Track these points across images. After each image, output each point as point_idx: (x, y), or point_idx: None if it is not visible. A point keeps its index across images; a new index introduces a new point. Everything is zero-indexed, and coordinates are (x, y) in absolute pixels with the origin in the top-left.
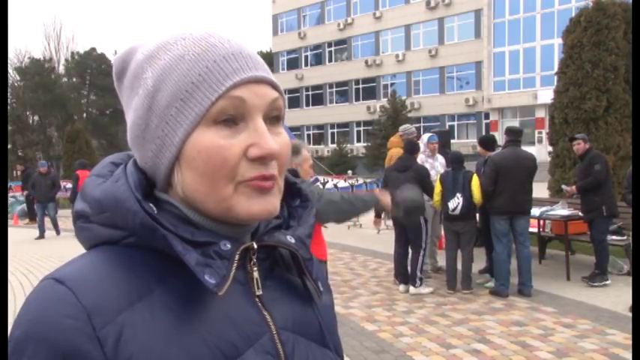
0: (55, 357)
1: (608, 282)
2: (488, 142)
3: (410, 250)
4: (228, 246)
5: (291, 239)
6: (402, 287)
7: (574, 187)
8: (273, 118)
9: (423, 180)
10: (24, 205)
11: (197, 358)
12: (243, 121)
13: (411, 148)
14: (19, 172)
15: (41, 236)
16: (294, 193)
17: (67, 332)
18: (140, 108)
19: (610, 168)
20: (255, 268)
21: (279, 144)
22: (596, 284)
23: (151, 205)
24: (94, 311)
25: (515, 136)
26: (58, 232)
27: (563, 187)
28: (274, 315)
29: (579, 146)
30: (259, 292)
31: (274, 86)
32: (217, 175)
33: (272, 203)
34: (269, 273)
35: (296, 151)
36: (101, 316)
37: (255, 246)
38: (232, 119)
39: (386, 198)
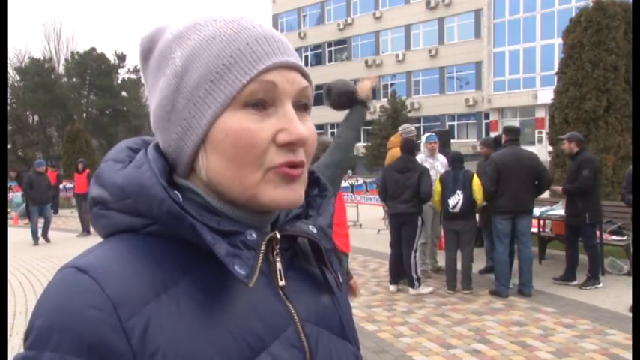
0: (79, 348)
1: (600, 285)
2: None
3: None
4: (254, 235)
5: (312, 229)
6: (392, 287)
7: (562, 188)
8: (300, 106)
9: (425, 182)
10: (24, 205)
11: (223, 349)
12: (272, 106)
13: (409, 147)
14: (12, 175)
15: (36, 242)
16: (312, 182)
17: (93, 323)
18: (167, 88)
19: (599, 173)
20: (278, 259)
21: (308, 131)
22: (588, 288)
23: (177, 192)
24: (120, 302)
25: (514, 135)
26: (47, 238)
27: (552, 187)
28: (297, 306)
29: (564, 146)
30: (282, 283)
31: (304, 74)
32: (245, 160)
33: (298, 193)
34: (290, 264)
35: (326, 147)
36: (127, 307)
37: (279, 236)
38: (262, 103)
39: (365, 87)
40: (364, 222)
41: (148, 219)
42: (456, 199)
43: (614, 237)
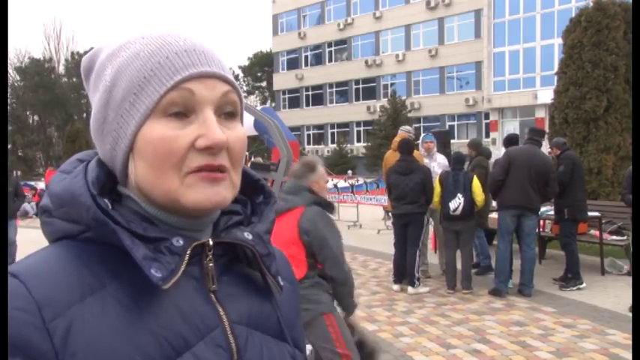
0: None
1: (582, 285)
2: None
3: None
4: (181, 242)
5: (248, 236)
6: (395, 287)
7: None
8: (227, 114)
9: (429, 183)
10: (24, 205)
11: (145, 350)
12: (193, 113)
13: (409, 147)
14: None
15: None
16: (257, 190)
17: (17, 324)
18: (99, 103)
19: (580, 171)
20: (211, 264)
21: (231, 137)
22: (569, 289)
23: (106, 200)
24: (45, 304)
25: (536, 135)
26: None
27: None
28: (228, 309)
29: (550, 153)
30: (214, 287)
31: (228, 82)
32: (165, 166)
33: (220, 194)
34: (227, 268)
35: (311, 168)
36: (51, 309)
37: (211, 242)
38: (183, 112)
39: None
40: (364, 222)
41: (82, 225)
42: (457, 203)
43: (614, 237)
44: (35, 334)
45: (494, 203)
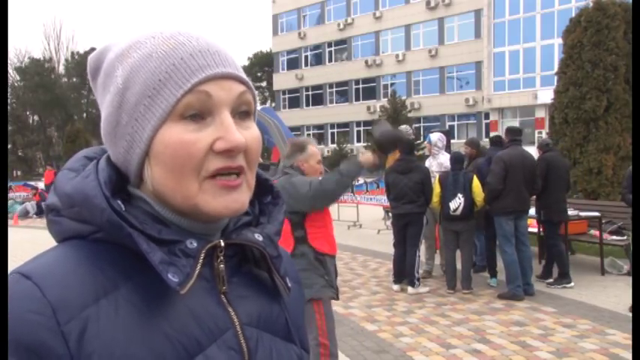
0: (17, 350)
1: (568, 285)
2: (497, 142)
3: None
4: (195, 244)
5: (259, 237)
6: (395, 287)
7: None
8: (242, 113)
9: (428, 183)
10: (25, 205)
11: (159, 353)
12: (210, 115)
13: (408, 147)
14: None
15: None
16: (266, 190)
17: (32, 327)
18: (111, 105)
19: (557, 172)
20: (222, 266)
21: (248, 138)
22: (554, 286)
23: (119, 202)
24: (59, 306)
25: (517, 135)
26: None
27: None
28: (239, 311)
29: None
30: (224, 289)
31: (243, 82)
32: (184, 170)
33: (239, 201)
34: (236, 269)
35: (300, 148)
36: (66, 312)
37: (223, 244)
38: (200, 114)
39: (368, 158)
40: (364, 222)
41: (94, 226)
42: (457, 203)
43: (614, 237)
44: (51, 337)
45: None
